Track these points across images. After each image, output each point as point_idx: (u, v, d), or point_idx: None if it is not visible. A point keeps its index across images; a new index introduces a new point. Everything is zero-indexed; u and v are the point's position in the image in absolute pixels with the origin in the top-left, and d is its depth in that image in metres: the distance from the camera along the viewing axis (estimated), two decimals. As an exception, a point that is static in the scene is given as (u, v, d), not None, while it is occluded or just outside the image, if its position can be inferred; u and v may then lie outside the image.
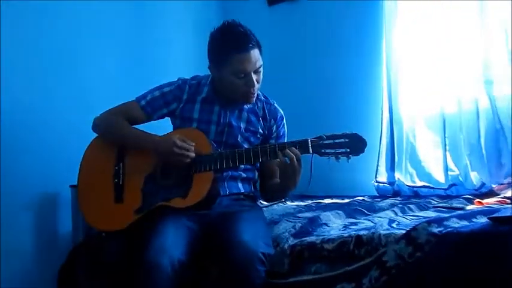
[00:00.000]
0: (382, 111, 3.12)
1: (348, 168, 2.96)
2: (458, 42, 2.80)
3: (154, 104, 2.02)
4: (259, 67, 1.89)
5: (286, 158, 1.77)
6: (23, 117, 2.34)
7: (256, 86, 1.91)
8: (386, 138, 3.09)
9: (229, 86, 1.91)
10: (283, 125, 2.10)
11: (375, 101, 3.14)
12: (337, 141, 1.78)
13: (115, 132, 1.99)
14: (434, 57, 2.89)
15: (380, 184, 3.10)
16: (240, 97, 1.93)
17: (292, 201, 2.85)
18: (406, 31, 2.98)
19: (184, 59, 3.17)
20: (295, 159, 1.77)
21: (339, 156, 1.77)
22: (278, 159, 1.80)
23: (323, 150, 1.78)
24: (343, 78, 3.23)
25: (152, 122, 2.06)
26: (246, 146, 2.00)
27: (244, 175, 2.04)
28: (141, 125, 2.07)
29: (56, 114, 2.47)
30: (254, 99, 1.96)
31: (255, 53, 1.87)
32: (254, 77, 1.88)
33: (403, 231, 1.71)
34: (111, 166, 1.98)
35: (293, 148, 1.78)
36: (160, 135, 1.97)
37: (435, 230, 1.64)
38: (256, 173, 2.10)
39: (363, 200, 2.81)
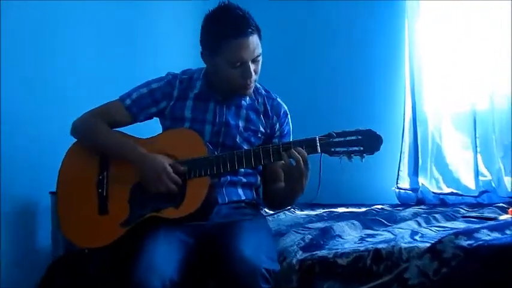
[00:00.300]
0: (404, 108, 3.15)
1: (365, 174, 3.05)
2: (490, 32, 2.87)
3: (141, 103, 2.03)
4: (258, 56, 1.90)
5: (292, 160, 1.78)
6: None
7: (254, 77, 1.92)
8: (408, 139, 3.12)
9: (224, 76, 1.92)
10: (288, 122, 2.11)
11: (395, 97, 3.18)
12: (348, 138, 1.79)
13: (94, 139, 2.00)
14: (464, 49, 2.95)
15: (401, 191, 3.13)
16: (236, 89, 1.94)
17: (301, 210, 2.86)
18: (431, 22, 3.07)
19: (180, 54, 3.21)
20: (301, 161, 1.78)
21: (352, 155, 1.78)
22: (282, 161, 1.81)
23: (333, 149, 1.79)
24: (358, 72, 3.29)
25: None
26: (245, 147, 2.01)
27: (244, 180, 2.05)
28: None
29: (38, 115, 2.51)
30: (251, 91, 1.96)
31: (253, 39, 1.87)
32: (252, 66, 1.89)
33: (428, 245, 1.71)
34: (93, 175, 1.99)
35: (299, 148, 1.79)
36: (147, 138, 1.99)
37: (464, 243, 1.67)
38: (259, 178, 2.10)
39: (382, 208, 2.83)
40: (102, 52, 2.79)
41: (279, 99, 2.11)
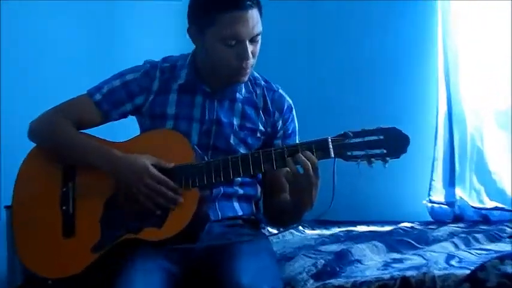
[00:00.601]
0: (437, 105, 3.14)
1: (389, 183, 3.06)
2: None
3: (114, 98, 2.01)
4: (258, 35, 1.88)
5: (298, 166, 1.76)
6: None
7: (251, 60, 1.90)
8: (443, 142, 3.12)
9: (216, 57, 1.90)
10: (293, 118, 2.09)
11: (427, 92, 3.18)
12: (368, 139, 1.76)
13: (56, 141, 1.99)
14: (506, 37, 2.95)
15: (435, 205, 3.11)
16: (229, 74, 1.93)
17: (312, 229, 2.85)
18: (468, 8, 3.10)
19: (163, 40, 3.24)
20: (310, 168, 1.75)
21: (372, 159, 1.75)
22: (287, 169, 1.79)
23: (349, 153, 1.77)
24: (381, 65, 3.31)
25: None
26: (242, 150, 1.99)
27: (241, 191, 2.03)
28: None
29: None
30: (246, 78, 1.95)
31: (253, 13, 1.86)
32: (250, 47, 1.87)
33: (467, 272, 1.70)
34: (56, 187, 1.97)
35: (308, 152, 1.77)
36: (124, 141, 1.98)
37: (511, 270, 1.64)
38: (259, 188, 2.09)
39: (411, 227, 2.83)
40: (78, 39, 2.90)
41: (281, 91, 2.09)
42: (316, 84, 3.43)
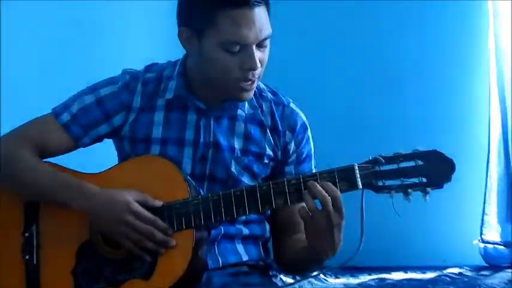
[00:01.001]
0: (489, 122, 3.14)
1: (431, 220, 3.05)
2: None
3: (86, 119, 2.00)
4: (266, 38, 1.86)
5: (317, 201, 1.74)
6: None
7: (259, 69, 1.88)
8: (497, 168, 3.10)
9: (214, 67, 1.88)
10: (308, 139, 2.07)
11: (476, 106, 3.18)
12: (403, 165, 1.75)
13: (15, 175, 1.97)
14: None
15: (488, 245, 3.10)
16: (231, 88, 1.90)
17: (336, 277, 2.84)
18: None
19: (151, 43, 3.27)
20: (330, 203, 1.72)
21: (409, 190, 1.73)
22: (302, 204, 1.77)
23: (381, 182, 1.75)
24: (416, 72, 3.33)
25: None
26: (246, 180, 1.98)
27: (246, 231, 2.01)
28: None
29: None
30: (252, 93, 1.93)
31: (260, 12, 1.84)
32: (257, 53, 1.85)
33: None
34: (15, 232, 1.95)
35: (328, 183, 1.74)
36: (99, 173, 1.96)
37: None
38: (267, 226, 2.07)
39: (459, 273, 2.84)
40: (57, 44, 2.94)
41: (293, 106, 2.06)
42: (337, 94, 3.45)
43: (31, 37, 2.83)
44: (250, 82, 1.89)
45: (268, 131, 2.03)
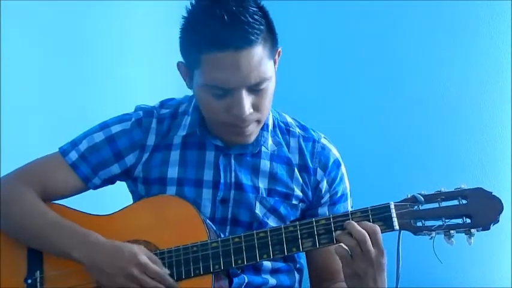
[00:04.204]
0: None
1: (478, 266, 3.04)
2: None
3: (95, 158, 1.97)
4: (262, 82, 1.77)
5: (354, 240, 1.69)
6: None
7: (252, 115, 1.81)
8: None
9: (204, 108, 1.86)
10: (342, 177, 2.02)
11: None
12: (445, 204, 1.71)
13: (17, 220, 1.92)
14: None
15: None
16: (222, 131, 1.88)
17: None
18: None
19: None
20: (368, 241, 1.67)
21: (452, 232, 1.69)
22: (341, 244, 1.72)
23: (420, 223, 1.72)
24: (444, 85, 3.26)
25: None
26: (272, 223, 1.94)
27: (273, 282, 1.95)
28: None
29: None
30: (250, 138, 1.87)
31: (251, 53, 1.73)
32: (249, 98, 1.78)
33: None
34: (18, 278, 1.91)
35: (365, 222, 1.70)
36: (110, 214, 1.93)
37: None
38: (297, 277, 2.02)
39: None
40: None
41: (324, 141, 2.02)
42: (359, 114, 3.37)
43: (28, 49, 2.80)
44: (241, 127, 1.84)
45: (296, 170, 1.98)
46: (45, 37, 2.87)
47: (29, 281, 1.89)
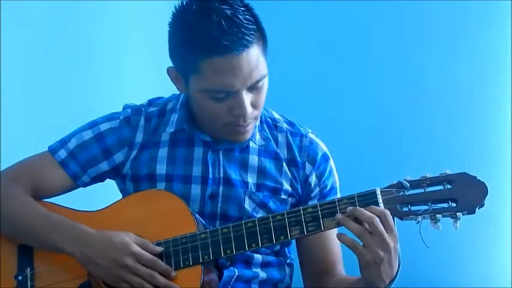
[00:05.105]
0: None
1: (466, 251, 3.01)
2: None
3: (84, 156, 1.97)
4: (258, 81, 1.79)
5: (361, 227, 1.68)
6: None
7: (251, 113, 1.82)
8: None
9: (203, 112, 1.87)
10: (331, 170, 2.02)
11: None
12: (431, 189, 1.71)
13: (7, 216, 1.91)
14: None
15: None
16: (222, 132, 1.88)
17: None
18: None
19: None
20: (379, 224, 1.65)
21: (438, 216, 1.68)
22: (342, 234, 1.71)
23: (406, 208, 1.71)
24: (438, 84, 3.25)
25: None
26: None
27: (263, 275, 1.95)
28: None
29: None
30: (247, 134, 1.88)
31: (249, 55, 1.75)
32: (248, 97, 1.79)
33: None
34: (8, 275, 1.91)
35: (373, 207, 1.69)
36: (99, 210, 1.93)
37: None
38: (287, 271, 2.01)
39: None
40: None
41: (312, 135, 2.02)
42: (353, 110, 3.35)
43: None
44: (242, 126, 1.85)
45: (284, 164, 1.98)
46: (45, 37, 2.86)
47: (20, 278, 1.89)
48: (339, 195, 2.01)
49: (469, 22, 3.23)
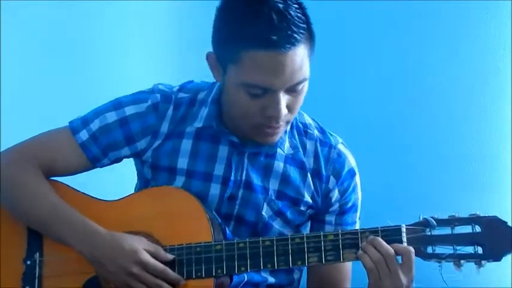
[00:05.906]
0: None
1: None
2: None
3: (106, 140, 1.93)
4: (299, 83, 1.73)
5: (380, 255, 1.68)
6: None
7: (285, 116, 1.77)
8: None
9: (235, 106, 1.80)
10: (355, 188, 1.99)
11: None
12: (458, 231, 1.70)
13: (16, 204, 1.91)
14: None
15: None
16: (251, 131, 1.83)
17: None
18: None
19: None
20: (395, 262, 1.66)
21: (462, 261, 1.68)
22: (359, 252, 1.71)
23: (430, 249, 1.70)
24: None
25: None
26: (277, 226, 1.92)
27: (272, 280, 1.95)
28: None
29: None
30: (276, 137, 1.83)
31: (295, 54, 1.69)
32: (285, 99, 1.73)
33: None
34: (17, 259, 1.90)
35: (397, 245, 1.68)
36: (113, 201, 1.92)
37: None
38: (296, 275, 2.02)
39: None
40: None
41: (341, 147, 1.98)
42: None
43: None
44: (272, 128, 1.80)
45: (309, 175, 1.95)
46: (45, 37, 2.87)
47: (28, 262, 1.88)
48: (358, 213, 2.00)
49: (469, 22, 3.22)
